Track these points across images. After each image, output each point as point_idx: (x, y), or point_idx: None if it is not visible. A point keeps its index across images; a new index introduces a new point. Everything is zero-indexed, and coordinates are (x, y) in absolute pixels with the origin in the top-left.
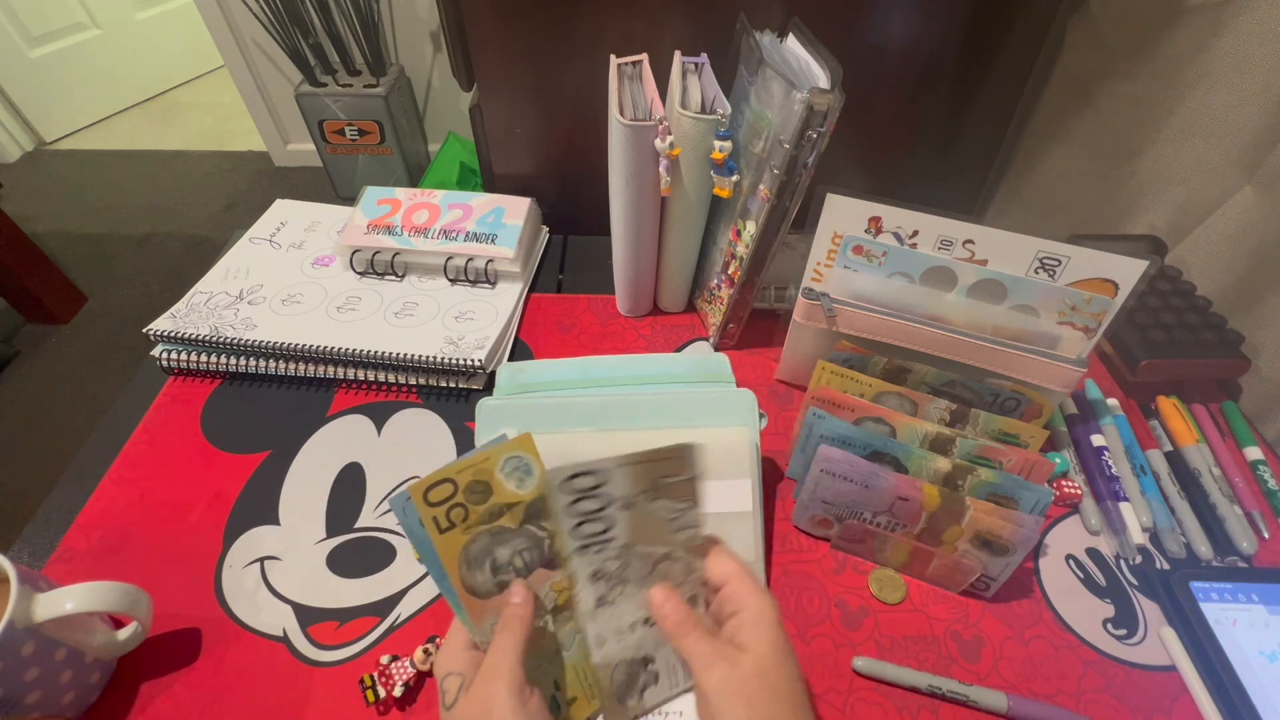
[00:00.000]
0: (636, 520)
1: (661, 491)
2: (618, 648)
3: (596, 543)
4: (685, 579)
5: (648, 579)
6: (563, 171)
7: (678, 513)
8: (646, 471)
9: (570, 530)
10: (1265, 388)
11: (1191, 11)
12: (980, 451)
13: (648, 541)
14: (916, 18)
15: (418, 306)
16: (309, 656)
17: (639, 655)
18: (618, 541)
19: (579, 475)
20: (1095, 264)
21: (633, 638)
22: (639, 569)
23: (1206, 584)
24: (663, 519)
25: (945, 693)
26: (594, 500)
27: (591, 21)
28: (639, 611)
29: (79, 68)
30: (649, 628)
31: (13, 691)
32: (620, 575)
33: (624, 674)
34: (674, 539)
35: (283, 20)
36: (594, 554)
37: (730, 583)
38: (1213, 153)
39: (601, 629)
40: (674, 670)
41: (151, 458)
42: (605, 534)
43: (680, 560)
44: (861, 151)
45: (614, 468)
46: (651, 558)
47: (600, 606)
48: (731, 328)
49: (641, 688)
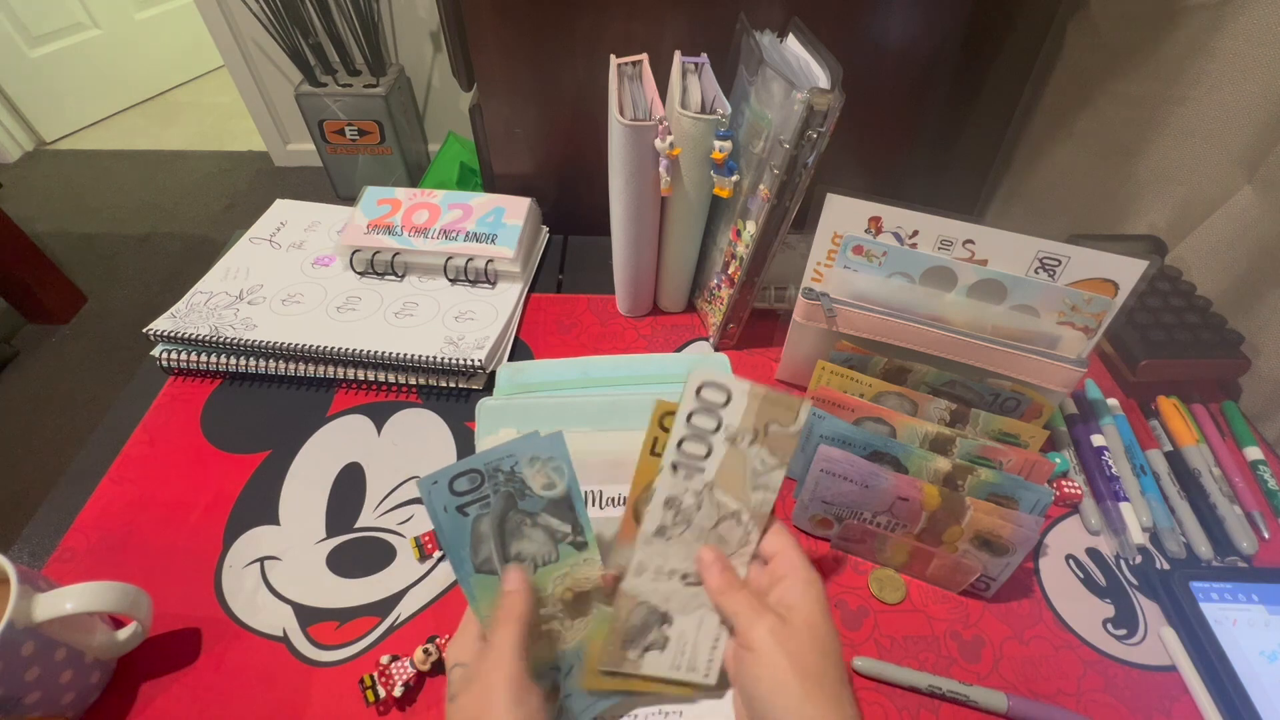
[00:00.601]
0: (730, 461)
1: (764, 438)
2: (650, 585)
3: (690, 467)
4: (738, 549)
5: (708, 533)
6: (563, 171)
7: (766, 468)
8: (765, 408)
9: (676, 444)
10: (1265, 388)
11: (1191, 11)
12: (980, 451)
13: (728, 489)
14: (916, 17)
15: (418, 306)
16: (309, 656)
17: (664, 607)
18: (705, 475)
19: (713, 386)
20: (1095, 264)
21: (667, 586)
22: (706, 516)
23: (1206, 584)
24: (750, 469)
25: (945, 693)
26: (710, 418)
27: (591, 21)
28: (685, 563)
29: (79, 68)
30: (685, 586)
31: (13, 691)
32: (688, 515)
33: (640, 618)
34: (749, 497)
35: (283, 20)
36: (681, 479)
37: (782, 553)
38: (1213, 153)
39: (646, 558)
40: (684, 650)
41: (151, 458)
42: (701, 461)
43: (742, 526)
44: (861, 151)
45: (741, 392)
46: (721, 510)
47: (657, 536)
48: (731, 328)
49: (647, 645)
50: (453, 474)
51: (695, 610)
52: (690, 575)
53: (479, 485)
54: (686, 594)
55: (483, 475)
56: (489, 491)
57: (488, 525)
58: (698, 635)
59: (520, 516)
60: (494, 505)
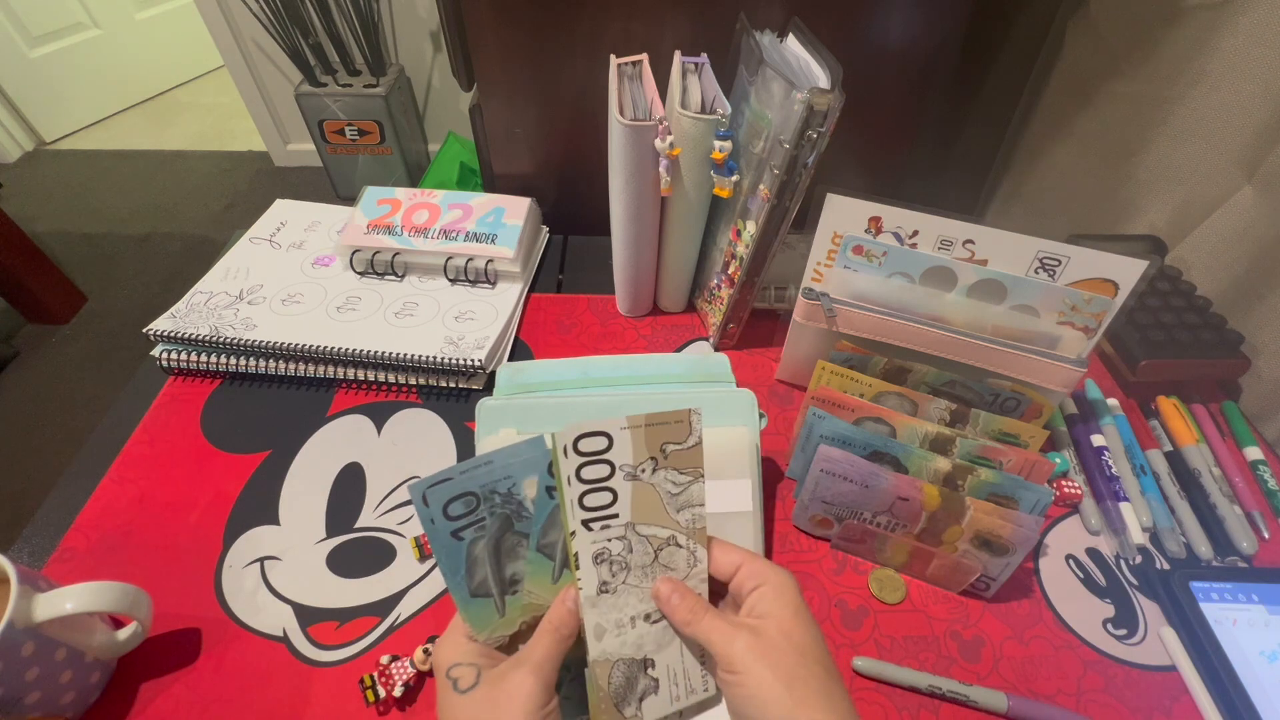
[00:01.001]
0: (639, 494)
1: (666, 460)
2: (616, 642)
3: (601, 518)
4: (689, 572)
5: (650, 568)
6: (563, 171)
7: (680, 487)
8: (651, 436)
9: (576, 502)
10: (1265, 388)
11: (1191, 11)
12: (980, 451)
13: (650, 521)
14: (916, 18)
15: (418, 306)
16: (309, 656)
17: (639, 656)
18: (621, 519)
19: (588, 435)
20: (1095, 264)
21: (633, 634)
22: (641, 554)
23: (1206, 584)
24: (666, 493)
25: (945, 693)
26: (601, 465)
27: (591, 21)
28: (640, 605)
29: (79, 68)
30: (650, 625)
31: (13, 691)
32: (624, 560)
33: (622, 676)
34: (676, 519)
35: (283, 20)
36: (598, 531)
37: (744, 565)
38: (1213, 153)
39: (601, 619)
40: (676, 680)
41: (151, 458)
42: (609, 507)
43: (683, 549)
44: (861, 151)
45: (619, 430)
46: (654, 542)
47: (602, 594)
48: (731, 328)
49: (641, 695)
50: (448, 495)
51: (671, 641)
52: (653, 613)
53: (475, 509)
54: (657, 631)
55: (479, 499)
56: (485, 514)
57: (483, 549)
58: (684, 661)
59: (517, 538)
60: (489, 528)
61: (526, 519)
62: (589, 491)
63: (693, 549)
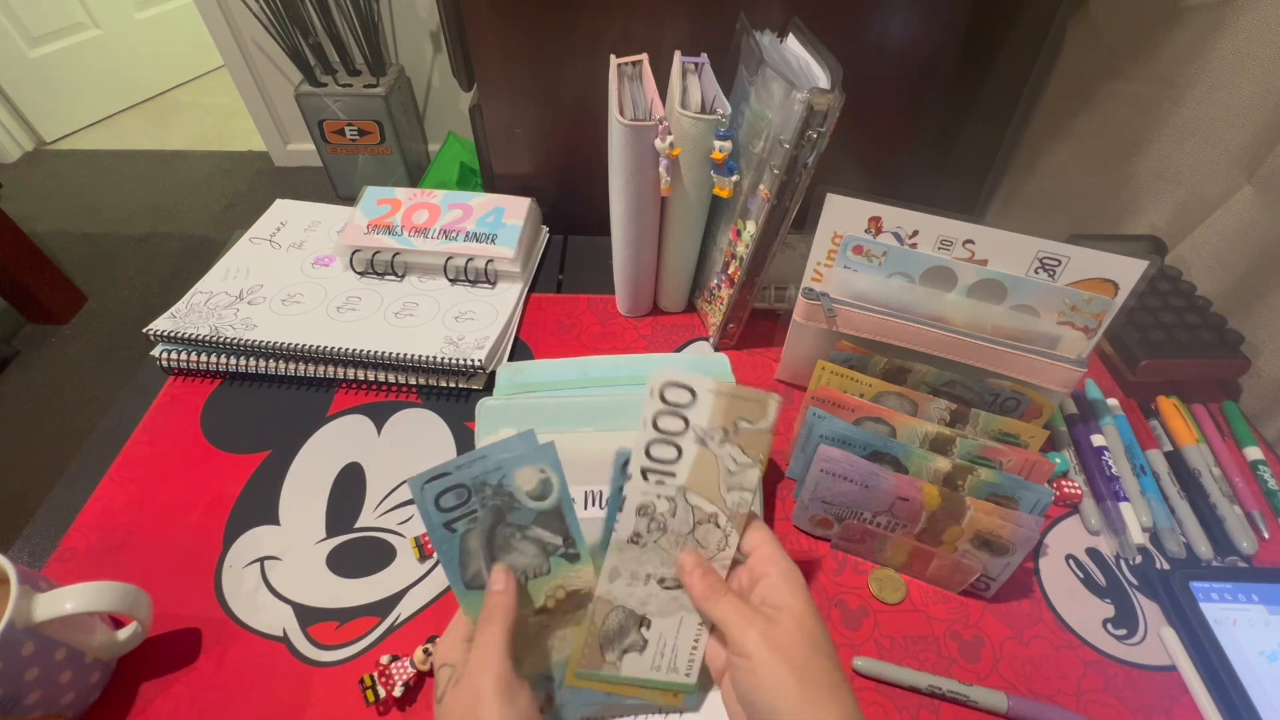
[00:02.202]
0: (701, 462)
1: (734, 436)
2: (625, 590)
3: (660, 471)
4: (718, 553)
5: (685, 538)
6: (563, 171)
7: (740, 467)
8: (731, 406)
9: (644, 448)
10: (1265, 388)
11: (1191, 11)
12: (980, 451)
13: (701, 491)
14: (916, 18)
15: (418, 306)
16: (309, 656)
17: (641, 611)
18: (677, 480)
19: (676, 386)
20: (1095, 264)
21: (644, 590)
22: (682, 521)
23: (1206, 584)
24: (723, 470)
25: (945, 693)
26: (677, 419)
27: (591, 21)
28: (662, 568)
29: (79, 68)
30: (663, 590)
31: (13, 691)
32: (663, 521)
33: (617, 622)
34: (725, 498)
35: (283, 20)
36: (652, 484)
37: (760, 548)
38: (1213, 153)
39: (620, 564)
40: (664, 651)
41: (151, 458)
42: (671, 464)
43: (720, 530)
44: (861, 151)
45: (705, 390)
46: (698, 514)
47: (631, 543)
48: (731, 328)
49: (625, 647)
50: (440, 488)
51: (674, 613)
52: (668, 579)
53: (466, 500)
54: (665, 597)
55: (469, 490)
56: (476, 506)
57: (476, 540)
58: (677, 637)
59: (510, 530)
60: (482, 519)
61: (519, 510)
62: (658, 441)
63: (728, 532)
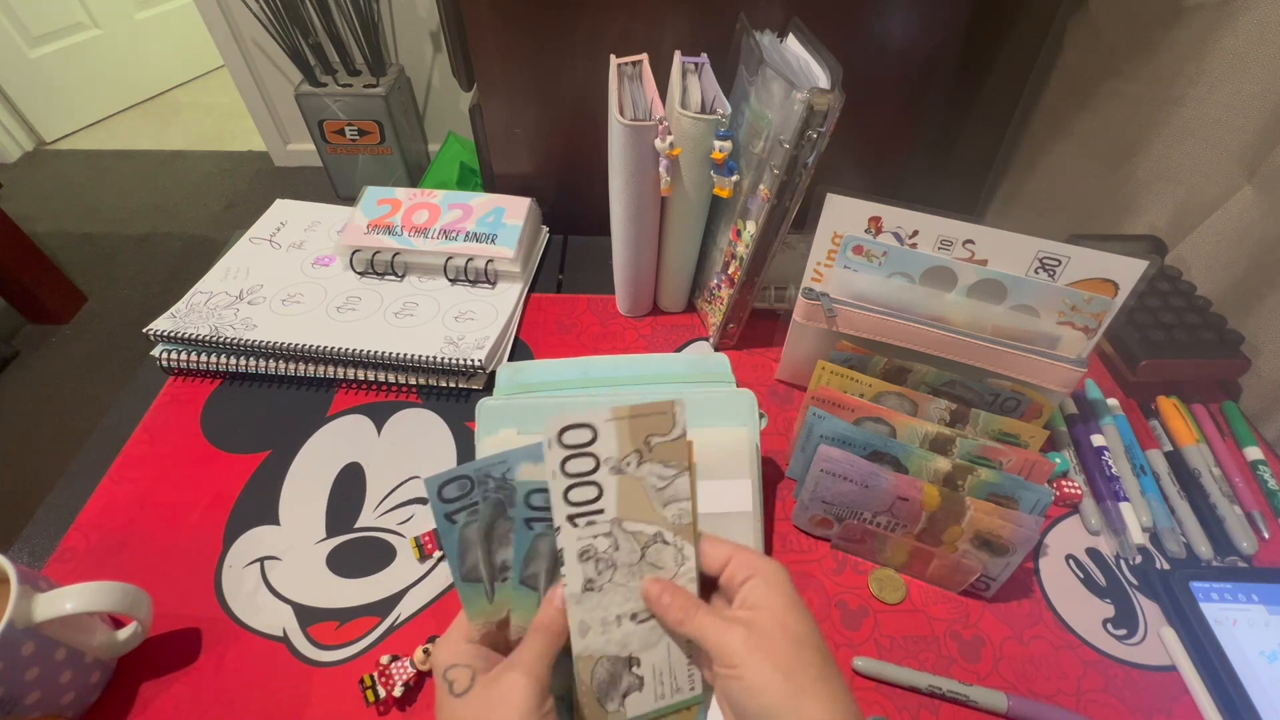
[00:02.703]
0: (625, 488)
1: (651, 453)
2: (601, 640)
3: (586, 513)
4: (677, 570)
5: (637, 566)
6: (563, 171)
7: (666, 480)
8: (636, 428)
9: (561, 496)
10: (1265, 388)
11: (1191, 11)
12: (980, 451)
13: (636, 516)
14: (916, 18)
15: (418, 306)
16: (309, 656)
17: (624, 654)
18: (607, 514)
19: (572, 428)
20: (1095, 264)
21: (618, 632)
22: (628, 552)
23: (1206, 584)
24: (651, 488)
25: (945, 693)
26: (586, 459)
27: (591, 21)
28: (627, 604)
29: (79, 68)
30: (636, 624)
31: (13, 691)
32: (610, 558)
33: (606, 672)
34: (663, 515)
35: (283, 20)
36: (584, 527)
37: (734, 558)
38: (1213, 153)
39: (586, 616)
40: (662, 679)
41: (151, 458)
42: (595, 502)
43: (670, 545)
44: (861, 151)
45: (603, 422)
46: (641, 539)
47: (586, 591)
48: (731, 328)
49: (624, 691)
50: (446, 478)
51: (658, 641)
52: (639, 613)
53: (468, 492)
54: (644, 630)
55: (472, 482)
56: (478, 498)
57: (475, 533)
58: (670, 660)
59: (509, 524)
60: (482, 512)
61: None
62: (574, 485)
63: (680, 545)
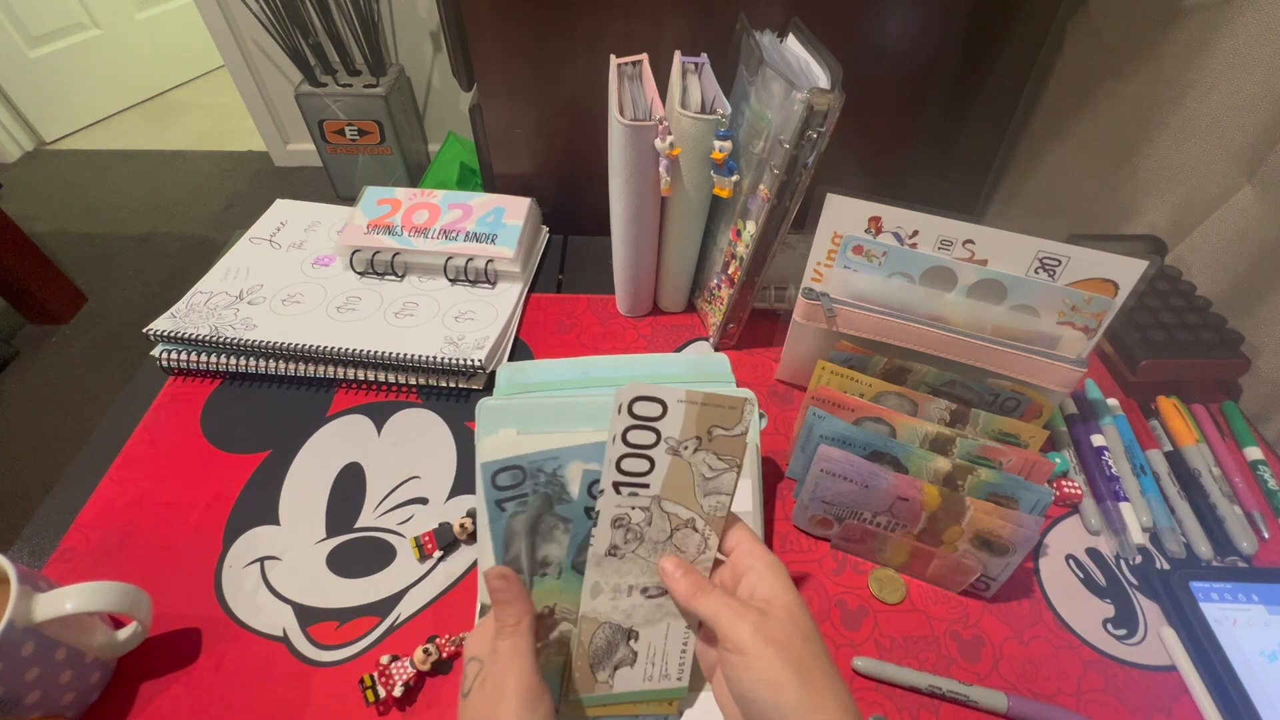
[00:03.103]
0: (675, 470)
1: (710, 443)
2: (609, 605)
3: (632, 484)
4: (698, 556)
5: (663, 545)
6: (563, 171)
7: (715, 472)
8: (704, 415)
9: (614, 463)
10: (1265, 388)
11: (1191, 11)
12: (980, 451)
13: (676, 499)
14: (916, 18)
15: (418, 306)
16: (309, 656)
17: (626, 624)
18: (651, 490)
19: (645, 399)
20: (1095, 264)
21: (627, 602)
22: (658, 530)
23: (1206, 584)
24: (700, 475)
25: (945, 693)
26: (648, 432)
27: (591, 21)
28: (643, 577)
29: (79, 68)
30: (645, 599)
31: (13, 691)
32: (640, 531)
33: (604, 639)
34: (701, 504)
35: (283, 20)
36: (626, 496)
37: (741, 544)
38: (1213, 153)
39: (601, 578)
40: (654, 660)
41: (151, 458)
42: (643, 476)
43: (698, 534)
44: (861, 151)
45: (675, 401)
46: (674, 521)
47: (609, 556)
48: (731, 328)
49: (616, 663)
50: (498, 466)
51: (660, 621)
52: (650, 588)
53: (520, 483)
54: (649, 606)
55: (525, 473)
56: (529, 490)
57: (522, 524)
58: (666, 644)
59: (554, 520)
60: (531, 504)
61: (566, 502)
62: (629, 455)
63: (707, 535)
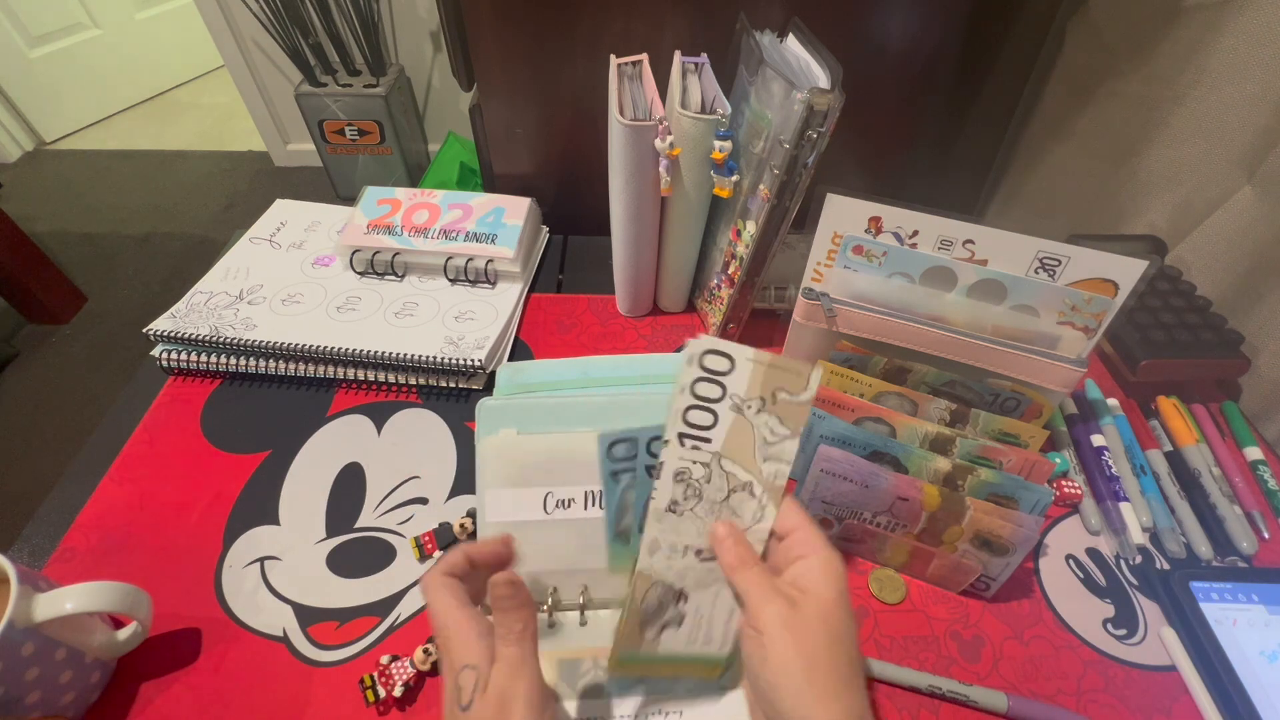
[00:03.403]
0: (737, 429)
1: (774, 405)
2: (664, 564)
3: (696, 437)
4: (753, 524)
5: (720, 506)
6: (563, 171)
7: (777, 438)
8: (770, 376)
9: (681, 415)
10: (1265, 388)
11: (1191, 11)
12: (980, 451)
13: (736, 459)
14: (916, 18)
15: (418, 306)
16: (309, 656)
17: (678, 585)
18: (713, 445)
19: (715, 353)
20: (1095, 264)
21: (680, 562)
22: (716, 489)
23: (1206, 584)
24: (760, 438)
25: (945, 693)
26: (715, 386)
27: (591, 21)
28: (697, 538)
29: (79, 68)
30: (699, 561)
31: (13, 691)
32: (698, 488)
33: (656, 598)
34: (760, 468)
35: (283, 20)
36: (689, 449)
37: (798, 531)
38: (1213, 153)
39: (660, 535)
40: (700, 624)
41: (151, 458)
42: (707, 430)
43: (755, 499)
44: (861, 151)
45: (745, 359)
46: (732, 481)
47: (669, 512)
48: (731, 328)
49: (664, 623)
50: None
51: (710, 585)
52: (705, 551)
53: (633, 456)
54: (701, 569)
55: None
56: (640, 465)
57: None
58: (713, 609)
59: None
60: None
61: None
62: (695, 408)
63: (764, 503)
